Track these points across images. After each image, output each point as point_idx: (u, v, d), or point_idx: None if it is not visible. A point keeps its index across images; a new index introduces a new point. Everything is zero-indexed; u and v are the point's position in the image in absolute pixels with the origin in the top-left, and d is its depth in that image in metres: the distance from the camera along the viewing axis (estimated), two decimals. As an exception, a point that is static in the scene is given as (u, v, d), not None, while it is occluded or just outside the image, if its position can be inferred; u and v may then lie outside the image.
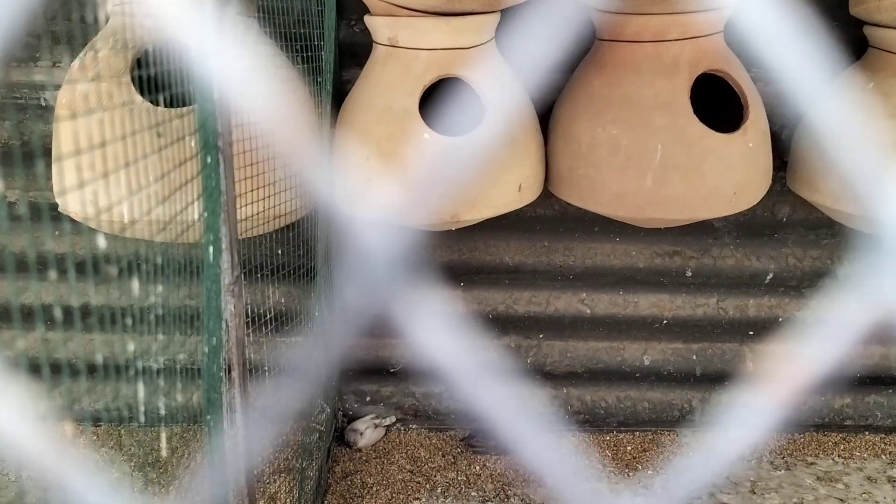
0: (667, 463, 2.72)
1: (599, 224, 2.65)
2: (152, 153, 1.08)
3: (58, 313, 2.10)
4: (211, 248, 1.10)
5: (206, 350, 1.09)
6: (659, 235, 2.68)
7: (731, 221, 2.67)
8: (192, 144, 1.23)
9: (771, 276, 2.74)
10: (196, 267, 1.23)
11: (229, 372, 1.56)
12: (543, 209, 2.63)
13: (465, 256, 2.72)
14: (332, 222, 2.44)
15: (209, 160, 1.04)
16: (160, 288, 1.08)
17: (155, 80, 1.03)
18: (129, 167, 1.00)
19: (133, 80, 1.77)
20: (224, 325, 1.32)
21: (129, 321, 1.00)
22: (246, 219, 1.55)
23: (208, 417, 1.18)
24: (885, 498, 2.54)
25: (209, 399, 1.12)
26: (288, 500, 2.26)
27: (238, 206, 1.45)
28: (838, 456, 2.78)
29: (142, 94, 1.76)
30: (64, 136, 1.65)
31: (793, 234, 2.70)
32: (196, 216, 1.23)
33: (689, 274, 2.73)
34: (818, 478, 2.65)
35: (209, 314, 1.12)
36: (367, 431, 2.80)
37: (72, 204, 1.77)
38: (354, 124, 2.13)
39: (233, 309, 1.34)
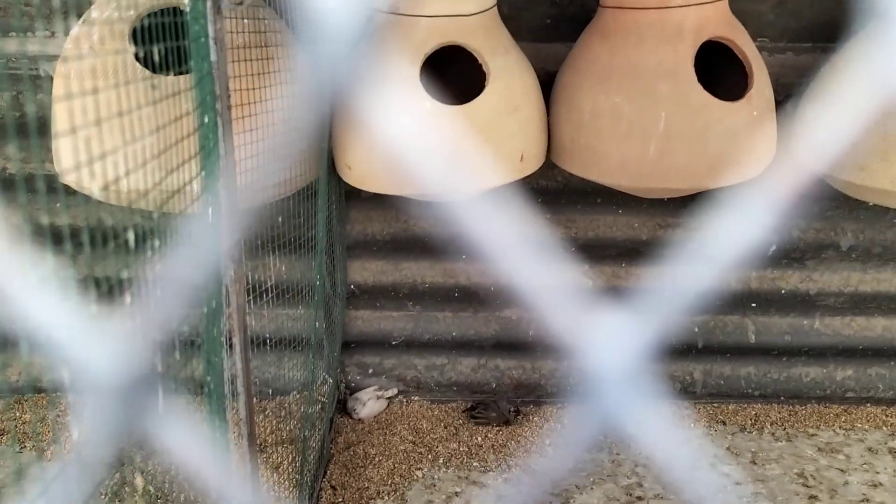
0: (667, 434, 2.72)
1: (602, 196, 2.63)
2: (153, 122, 1.07)
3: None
4: (210, 210, 1.09)
5: (205, 312, 1.09)
6: (662, 207, 2.66)
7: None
8: (193, 110, 1.22)
9: (774, 247, 2.73)
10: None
11: (230, 342, 1.56)
12: (545, 181, 2.62)
13: (466, 228, 2.71)
14: (333, 191, 2.43)
15: (206, 120, 1.03)
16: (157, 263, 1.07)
17: (149, 32, 1.02)
18: (129, 136, 1.00)
19: (133, 33, 1.75)
20: (224, 291, 1.32)
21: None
22: (245, 186, 1.54)
23: (208, 379, 1.18)
24: (885, 468, 2.54)
25: (209, 362, 1.12)
26: (291, 470, 2.27)
27: (237, 171, 1.44)
28: (839, 427, 2.78)
29: (144, 65, 1.75)
30: (60, 110, 1.64)
31: (797, 206, 2.68)
32: (197, 185, 1.22)
33: (691, 246, 2.72)
34: (819, 449, 2.65)
35: (207, 277, 1.11)
36: (369, 402, 2.81)
37: (71, 174, 1.76)
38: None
39: (232, 274, 1.33)
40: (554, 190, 2.64)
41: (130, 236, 0.97)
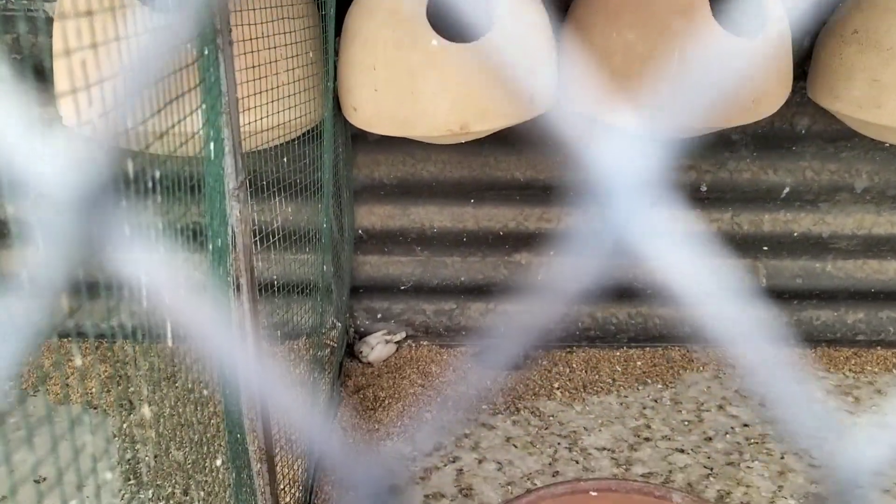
0: (676, 377, 2.73)
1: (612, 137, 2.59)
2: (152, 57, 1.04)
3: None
4: (212, 146, 1.07)
5: (211, 250, 1.07)
6: (674, 148, 2.62)
7: (748, 134, 2.60)
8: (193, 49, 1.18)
9: (787, 190, 2.69)
10: (199, 182, 1.20)
11: (237, 284, 1.55)
12: (556, 122, 2.57)
13: (475, 172, 2.68)
14: (338, 134, 2.39)
15: (206, 52, 1.00)
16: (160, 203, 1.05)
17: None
18: (126, 73, 0.96)
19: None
20: (230, 231, 1.30)
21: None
22: (248, 124, 1.51)
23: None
24: (894, 410, 2.54)
25: (215, 286, 1.11)
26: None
27: (241, 112, 1.41)
28: (849, 370, 2.78)
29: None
30: (58, 39, 1.60)
31: (811, 146, 2.63)
32: (199, 125, 1.20)
33: (703, 188, 2.68)
34: (828, 391, 2.65)
35: (212, 215, 1.09)
36: (377, 346, 2.82)
37: (70, 115, 1.74)
38: (360, 31, 2.05)
39: (238, 215, 1.32)
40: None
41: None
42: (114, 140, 0.92)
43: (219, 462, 1.14)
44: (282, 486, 1.96)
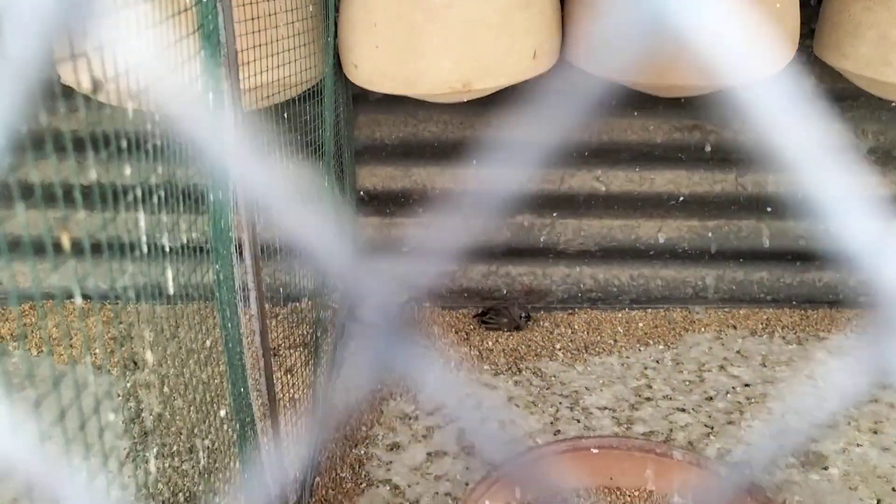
0: (678, 338, 2.74)
1: (617, 97, 2.56)
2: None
3: (58, 192, 2.07)
4: (210, 95, 1.05)
5: (211, 199, 1.06)
6: (678, 109, 2.59)
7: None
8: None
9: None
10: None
11: (240, 247, 1.55)
12: (559, 82, 2.54)
13: (477, 133, 2.66)
14: (339, 93, 2.37)
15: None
16: (160, 168, 1.04)
17: None
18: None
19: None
20: (230, 186, 1.29)
21: (132, 199, 0.97)
22: (248, 79, 1.49)
23: (220, 282, 1.17)
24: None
25: (216, 248, 1.10)
26: (304, 372, 2.30)
27: (240, 66, 1.39)
28: (851, 331, 2.78)
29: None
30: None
31: (817, 106, 2.60)
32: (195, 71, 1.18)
33: (708, 149, 2.66)
34: (829, 352, 2.66)
35: (213, 168, 1.08)
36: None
37: (67, 72, 1.72)
38: (361, -13, 2.02)
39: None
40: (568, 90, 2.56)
41: (123, 143, 0.94)
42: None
43: (223, 413, 1.14)
44: (286, 443, 1.98)
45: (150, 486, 1.02)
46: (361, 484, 2.05)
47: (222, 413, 1.11)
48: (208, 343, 1.27)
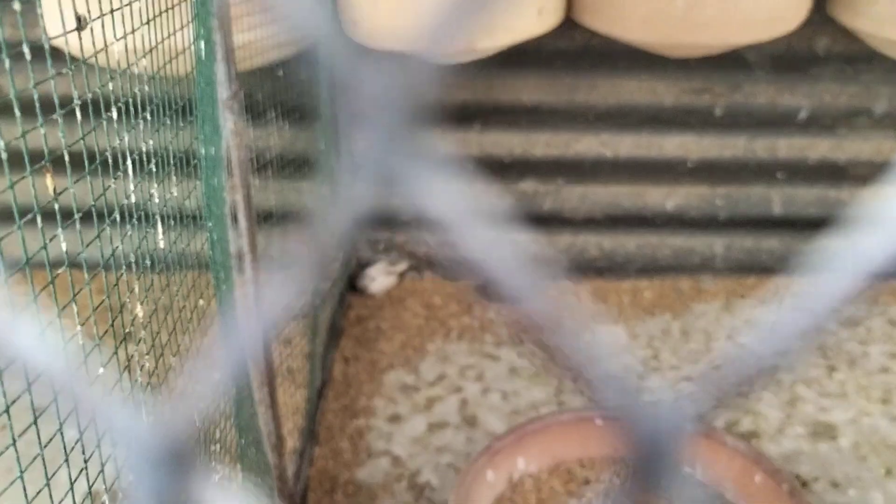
0: (685, 308, 2.68)
1: (625, 58, 2.47)
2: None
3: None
4: (203, 45, 0.98)
5: (203, 153, 1.00)
6: (688, 70, 2.51)
7: (765, 55, 2.49)
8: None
9: (804, 114, 2.58)
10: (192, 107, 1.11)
11: (234, 214, 1.48)
12: (565, 42, 2.45)
13: (480, 95, 2.58)
14: (335, 54, 2.29)
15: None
16: (154, 139, 0.98)
17: None
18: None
19: None
20: (224, 144, 1.22)
21: (125, 166, 0.91)
22: (241, 34, 1.42)
23: (214, 251, 1.11)
24: (907, 340, 2.50)
25: (209, 206, 1.04)
26: (303, 343, 2.25)
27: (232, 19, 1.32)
28: (862, 301, 2.72)
29: None
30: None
31: (830, 68, 2.52)
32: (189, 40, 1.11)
33: (718, 113, 2.58)
34: (839, 322, 2.61)
35: (203, 120, 1.01)
36: (379, 277, 2.77)
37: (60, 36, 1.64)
38: (358, -60, 1.94)
39: (232, 127, 1.23)
40: (574, 52, 2.48)
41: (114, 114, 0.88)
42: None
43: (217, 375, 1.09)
44: (284, 412, 1.93)
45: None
46: (361, 455, 2.00)
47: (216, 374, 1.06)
48: (201, 303, 1.22)
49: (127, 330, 0.94)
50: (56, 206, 0.79)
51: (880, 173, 2.67)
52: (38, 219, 0.68)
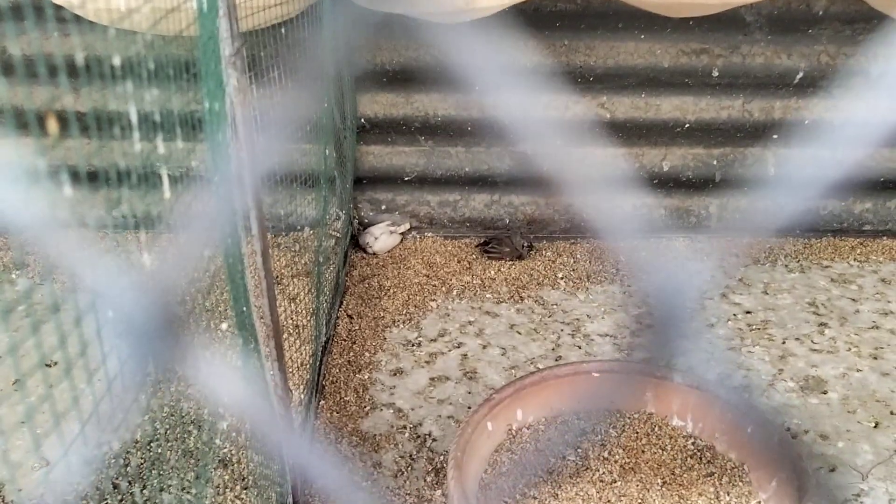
0: (681, 267, 2.73)
1: (623, 20, 2.49)
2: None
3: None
4: (205, 1, 1.02)
5: (207, 108, 1.03)
6: (686, 31, 2.53)
7: (763, 15, 2.51)
8: None
9: (801, 75, 2.61)
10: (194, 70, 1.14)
11: (239, 173, 1.52)
12: (564, 3, 2.47)
13: (480, 58, 2.60)
14: (339, 13, 2.30)
15: None
16: (155, 91, 1.01)
17: None
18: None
19: None
20: (228, 101, 1.26)
21: (129, 125, 0.94)
22: (243, 2, 1.45)
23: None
24: (897, 298, 2.55)
25: (213, 159, 1.08)
26: (307, 300, 2.31)
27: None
28: (854, 259, 2.78)
29: None
30: None
31: (828, 29, 2.54)
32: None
33: (715, 74, 2.61)
34: (832, 279, 2.66)
35: (208, 77, 1.05)
36: (381, 237, 2.81)
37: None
38: None
39: (236, 84, 1.27)
40: (573, 13, 2.50)
41: (117, 61, 0.90)
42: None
43: (224, 326, 1.14)
44: (290, 368, 2.00)
45: (154, 409, 1.03)
46: (365, 407, 2.07)
47: (224, 326, 1.11)
48: (206, 253, 1.26)
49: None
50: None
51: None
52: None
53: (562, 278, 2.70)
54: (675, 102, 2.66)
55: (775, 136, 2.72)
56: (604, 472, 1.79)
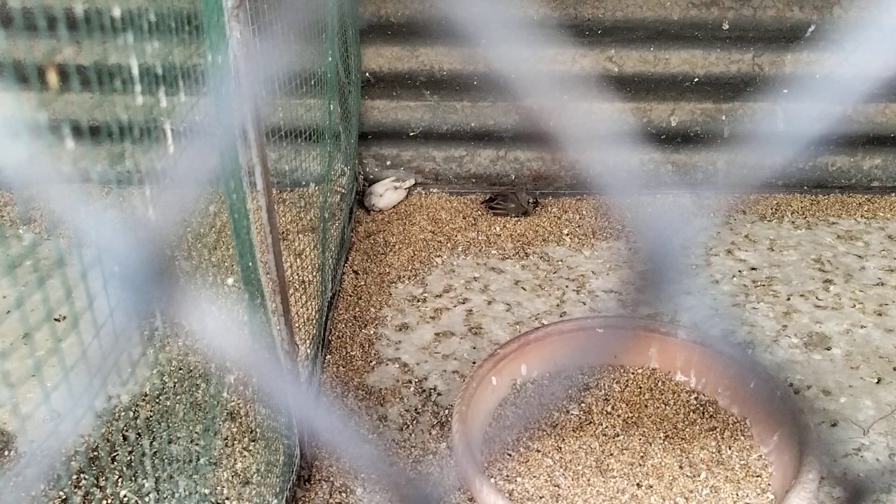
0: (687, 223, 2.72)
1: (632, -29, 2.44)
2: None
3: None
4: (206, -48, 1.00)
5: (210, 61, 1.02)
6: (696, -17, 2.48)
7: (776, -34, 2.46)
8: None
9: (813, 28, 2.56)
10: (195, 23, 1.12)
11: (244, 131, 1.51)
12: (572, -46, 2.42)
13: (487, 10, 2.56)
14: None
15: None
16: (157, 44, 0.99)
17: None
18: None
19: None
20: (231, 54, 1.24)
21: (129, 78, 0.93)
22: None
23: (224, 169, 1.14)
24: (903, 255, 2.55)
25: (217, 113, 1.07)
26: (313, 256, 2.32)
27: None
28: (861, 216, 2.76)
29: None
30: None
31: (843, -20, 2.49)
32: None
33: (725, 27, 2.56)
34: (838, 236, 2.65)
35: (210, 30, 1.03)
36: (386, 193, 2.81)
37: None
38: None
39: (238, 37, 1.26)
40: (580, -36, 2.45)
41: (117, 13, 0.89)
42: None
43: (230, 281, 1.14)
44: (297, 324, 2.01)
45: (162, 363, 1.04)
46: (371, 362, 2.09)
47: (230, 281, 1.12)
48: (212, 209, 1.26)
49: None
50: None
51: (887, 89, 2.67)
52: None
53: (567, 234, 2.70)
54: (684, 56, 2.62)
55: (785, 91, 2.68)
56: (607, 426, 1.81)
